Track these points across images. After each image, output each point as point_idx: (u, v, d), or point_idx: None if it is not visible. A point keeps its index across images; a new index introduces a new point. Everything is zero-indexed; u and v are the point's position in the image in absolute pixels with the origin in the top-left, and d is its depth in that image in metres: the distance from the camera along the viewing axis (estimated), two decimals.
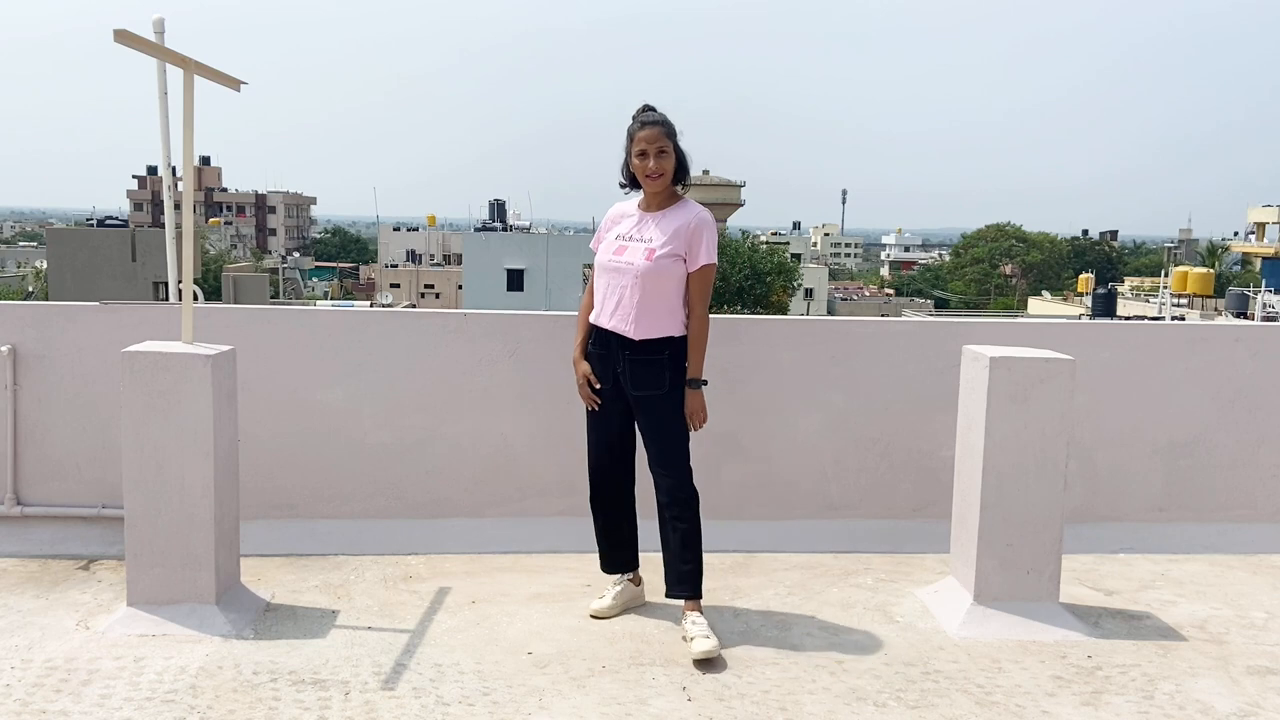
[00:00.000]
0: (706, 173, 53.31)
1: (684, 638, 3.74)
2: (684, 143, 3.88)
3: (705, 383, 3.85)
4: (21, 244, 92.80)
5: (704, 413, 3.85)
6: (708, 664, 3.57)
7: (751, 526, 4.83)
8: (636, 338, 3.79)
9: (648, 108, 3.90)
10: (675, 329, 3.82)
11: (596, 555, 4.15)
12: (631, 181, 3.92)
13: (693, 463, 3.88)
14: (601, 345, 3.90)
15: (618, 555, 4.11)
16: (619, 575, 4.11)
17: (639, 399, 3.85)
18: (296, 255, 75.07)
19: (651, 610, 4.06)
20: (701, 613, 3.83)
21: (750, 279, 44.26)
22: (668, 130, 3.81)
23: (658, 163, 3.78)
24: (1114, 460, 5.06)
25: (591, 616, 3.96)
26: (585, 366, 3.96)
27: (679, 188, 3.91)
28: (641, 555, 4.12)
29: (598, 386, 3.93)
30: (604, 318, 3.87)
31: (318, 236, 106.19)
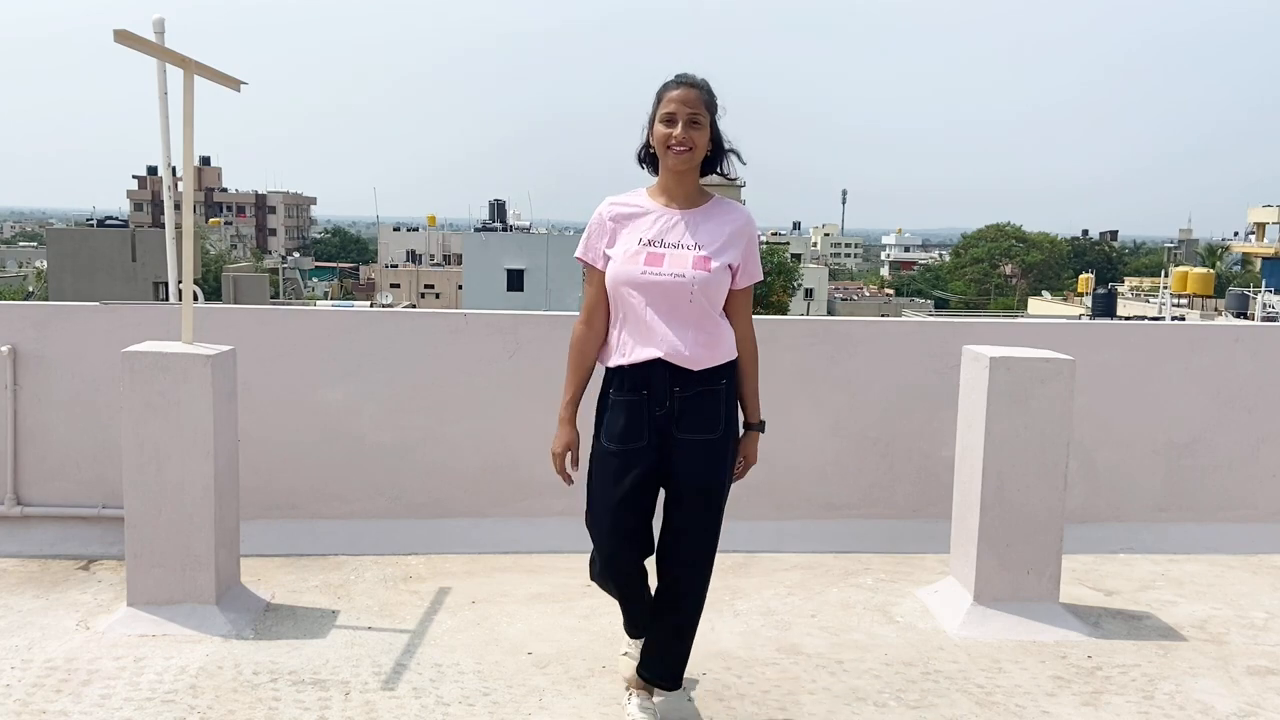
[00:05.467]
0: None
1: None
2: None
3: (764, 425, 3.17)
4: (21, 244, 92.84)
5: (756, 459, 3.19)
6: None
7: (751, 526, 4.82)
8: (696, 368, 2.96)
9: (684, 74, 3.03)
10: (731, 351, 3.05)
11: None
12: (650, 160, 3.06)
13: None
14: (633, 388, 2.98)
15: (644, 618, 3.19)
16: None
17: (687, 444, 3.00)
18: (296, 255, 75.03)
19: None
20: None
21: None
22: (706, 97, 2.98)
23: (686, 132, 2.93)
24: (1114, 460, 5.06)
25: (626, 679, 3.28)
26: (569, 436, 3.11)
27: (721, 174, 3.12)
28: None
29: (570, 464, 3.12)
30: (642, 349, 2.96)
31: (318, 237, 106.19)
